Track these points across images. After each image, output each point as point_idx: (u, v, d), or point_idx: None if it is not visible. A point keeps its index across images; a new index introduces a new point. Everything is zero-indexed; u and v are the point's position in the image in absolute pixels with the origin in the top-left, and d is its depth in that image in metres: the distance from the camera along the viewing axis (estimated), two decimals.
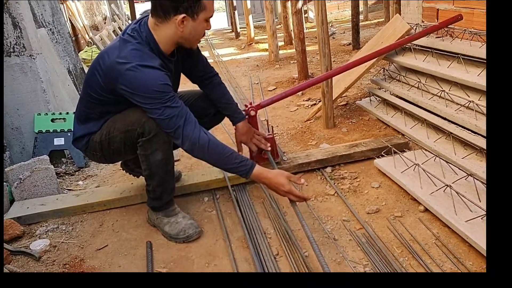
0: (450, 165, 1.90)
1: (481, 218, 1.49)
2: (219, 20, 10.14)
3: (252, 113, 2.07)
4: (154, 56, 1.57)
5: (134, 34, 1.59)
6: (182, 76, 1.91)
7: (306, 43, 4.04)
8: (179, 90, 1.90)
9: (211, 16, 1.63)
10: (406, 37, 2.45)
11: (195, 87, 2.01)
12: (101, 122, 1.72)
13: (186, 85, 2.02)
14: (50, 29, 3.40)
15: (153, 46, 1.59)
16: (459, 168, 1.87)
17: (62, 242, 1.81)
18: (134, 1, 8.95)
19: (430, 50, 2.35)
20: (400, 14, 2.87)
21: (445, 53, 2.24)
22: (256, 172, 1.61)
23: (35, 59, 2.55)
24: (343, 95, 3.14)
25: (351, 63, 2.26)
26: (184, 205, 1.99)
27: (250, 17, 6.46)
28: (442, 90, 2.15)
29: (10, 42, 2.48)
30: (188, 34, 1.60)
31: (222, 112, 1.99)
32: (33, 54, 2.54)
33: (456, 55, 2.12)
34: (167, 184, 1.76)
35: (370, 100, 2.89)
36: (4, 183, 2.11)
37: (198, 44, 1.77)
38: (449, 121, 2.07)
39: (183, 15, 1.54)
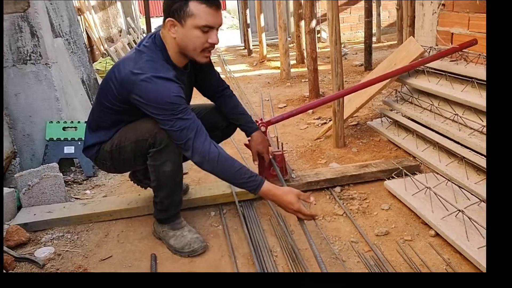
0: (462, 190, 1.87)
1: None
2: (232, 37, 10.25)
3: (263, 129, 2.06)
4: (169, 67, 1.58)
5: (149, 45, 1.60)
6: (194, 89, 1.92)
7: (318, 63, 4.05)
8: (191, 103, 1.91)
9: (208, 25, 1.54)
10: (420, 59, 2.44)
11: (207, 101, 2.02)
12: (113, 131, 1.72)
13: (197, 98, 2.02)
14: (67, 39, 3.45)
15: (166, 57, 1.61)
16: (471, 193, 1.84)
17: (67, 250, 1.80)
18: (150, 16, 9.12)
19: (443, 73, 2.34)
20: (414, 37, 2.87)
21: (459, 77, 2.23)
22: (265, 189, 1.59)
23: (50, 67, 2.58)
24: (354, 115, 3.13)
25: (364, 83, 2.25)
26: (191, 218, 1.98)
27: (263, 35, 6.51)
28: (455, 114, 2.13)
29: (27, 50, 2.52)
30: (181, 42, 1.58)
31: (235, 123, 1.99)
32: (49, 63, 2.58)
33: (470, 79, 2.11)
34: (175, 196, 1.75)
35: (382, 121, 2.87)
36: (13, 188, 2.12)
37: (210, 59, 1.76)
38: (462, 145, 2.05)
39: (170, 18, 1.55)
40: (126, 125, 1.71)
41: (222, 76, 2.03)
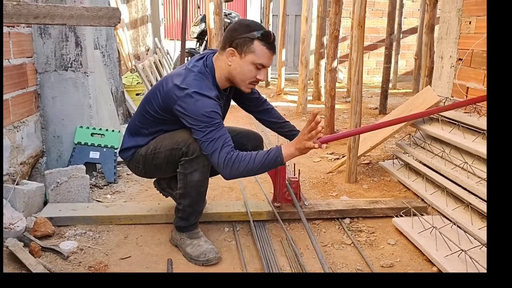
0: (466, 234, 1.97)
1: None
2: None
3: None
4: (212, 88, 1.76)
5: (200, 66, 1.80)
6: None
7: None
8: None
9: (263, 64, 1.77)
10: (436, 107, 2.58)
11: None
12: (150, 138, 1.88)
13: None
14: (102, 52, 3.65)
15: (213, 79, 1.79)
16: (474, 238, 1.94)
17: (89, 246, 1.90)
18: (171, 39, 9.44)
19: (457, 123, 2.47)
20: (430, 86, 3.03)
21: (472, 128, 2.36)
22: (286, 155, 1.71)
23: (88, 76, 2.76)
24: (367, 154, 3.26)
25: (382, 123, 2.38)
26: (205, 232, 2.08)
27: (283, 69, 6.74)
28: (465, 162, 2.25)
29: (70, 58, 2.70)
30: (234, 70, 1.78)
31: (281, 130, 2.20)
32: (87, 72, 2.75)
33: (482, 131, 2.24)
34: (197, 206, 1.88)
35: (393, 163, 2.99)
36: (42, 184, 2.25)
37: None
38: (469, 191, 2.16)
39: (232, 48, 1.76)
40: (163, 134, 1.86)
41: None
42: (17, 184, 2.15)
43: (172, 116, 1.76)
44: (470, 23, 2.66)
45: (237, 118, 4.62)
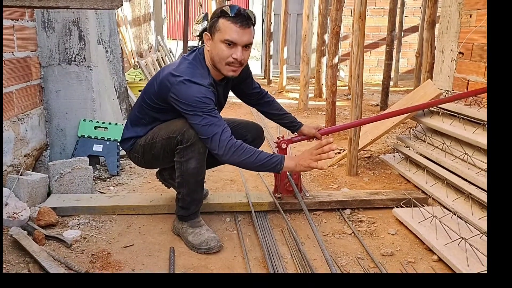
0: (467, 224, 1.98)
1: None
2: (253, 67, 10.54)
3: (284, 145, 2.21)
4: (205, 75, 1.80)
5: (193, 56, 1.83)
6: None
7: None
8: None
9: (231, 40, 1.72)
10: (436, 99, 2.59)
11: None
12: (148, 128, 1.91)
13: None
14: (105, 47, 3.68)
15: (205, 67, 1.83)
16: (474, 228, 1.95)
17: (92, 235, 1.92)
18: (174, 39, 9.47)
19: (457, 115, 2.49)
20: (431, 80, 3.04)
21: (472, 119, 2.37)
22: (286, 167, 1.76)
23: (91, 70, 2.78)
24: (367, 148, 3.27)
25: (383, 114, 2.41)
26: (207, 222, 2.09)
27: (285, 67, 6.76)
28: (465, 153, 2.27)
29: (73, 52, 2.72)
30: (211, 54, 1.80)
31: (282, 122, 2.24)
32: (91, 66, 2.78)
33: (482, 123, 2.25)
34: (196, 194, 1.90)
35: (394, 156, 3.00)
36: (46, 175, 2.27)
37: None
38: (469, 182, 2.17)
39: (206, 32, 1.80)
40: (160, 124, 1.89)
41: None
42: (21, 175, 2.17)
43: (167, 104, 1.79)
44: (470, 16, 2.68)
45: (239, 114, 4.64)
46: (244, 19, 1.74)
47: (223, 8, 1.74)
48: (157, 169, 2.24)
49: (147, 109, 1.88)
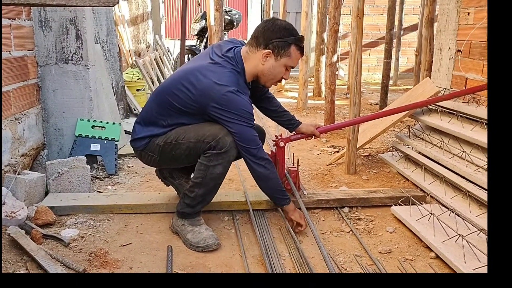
0: (464, 221, 1.98)
1: None
2: None
3: (282, 144, 2.20)
4: (246, 87, 1.85)
5: (229, 60, 1.84)
6: None
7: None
8: None
9: (292, 67, 1.91)
10: (435, 97, 2.59)
11: None
12: (167, 129, 1.89)
13: None
14: (103, 46, 3.67)
15: (243, 74, 1.86)
16: (472, 225, 1.95)
17: (90, 234, 1.92)
18: (172, 38, 9.46)
19: (455, 113, 2.48)
20: (430, 78, 3.04)
21: (470, 117, 2.37)
22: (288, 207, 2.01)
23: (89, 69, 2.77)
24: (366, 147, 3.27)
25: (381, 112, 2.41)
26: (206, 220, 2.08)
27: None
28: (463, 151, 2.26)
29: (70, 51, 2.72)
30: (266, 71, 1.86)
31: (280, 119, 2.26)
32: (88, 65, 2.77)
33: (480, 120, 2.25)
34: (209, 196, 1.92)
35: (393, 155, 3.00)
36: (43, 174, 2.27)
37: None
38: (467, 180, 2.17)
39: (269, 50, 1.82)
40: (184, 126, 1.87)
41: None
42: (18, 174, 2.17)
43: (199, 111, 1.80)
44: (468, 14, 2.67)
45: None
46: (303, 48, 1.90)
47: (300, 37, 1.86)
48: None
49: (172, 111, 1.85)
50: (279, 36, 1.82)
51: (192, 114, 1.84)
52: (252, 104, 2.25)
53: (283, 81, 6.78)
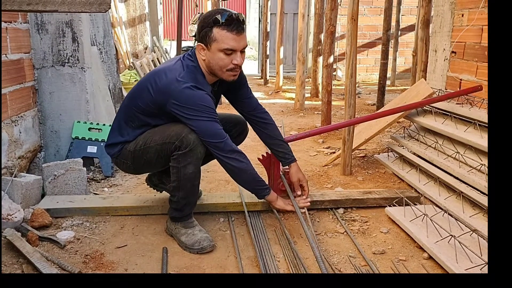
0: (457, 221, 2.00)
1: (480, 269, 1.57)
2: (250, 67, 10.56)
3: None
4: (206, 83, 1.82)
5: (190, 62, 1.83)
6: None
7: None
8: None
9: (229, 48, 1.74)
10: (429, 98, 2.61)
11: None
12: (137, 133, 1.89)
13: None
14: (99, 48, 3.68)
15: (201, 72, 1.84)
16: (465, 225, 1.97)
17: (85, 236, 1.93)
18: (171, 39, 9.48)
19: (449, 114, 2.50)
20: (425, 79, 3.06)
21: (463, 118, 2.38)
22: (269, 197, 1.96)
23: (85, 72, 2.79)
24: (362, 148, 3.29)
25: (376, 113, 2.43)
26: (201, 222, 2.10)
27: (281, 66, 6.77)
28: (457, 152, 2.28)
29: (67, 53, 2.73)
30: (209, 63, 1.81)
31: (275, 149, 2.14)
32: (85, 67, 2.78)
33: (473, 121, 2.27)
34: (191, 197, 1.90)
35: (388, 156, 3.02)
36: (40, 177, 2.28)
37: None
38: (461, 180, 2.18)
39: (199, 43, 1.80)
40: (151, 128, 1.88)
41: None
42: (15, 177, 2.18)
43: (160, 110, 1.78)
44: (462, 15, 2.69)
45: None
46: (238, 24, 1.75)
47: (215, 16, 1.73)
48: (146, 176, 2.24)
49: (137, 112, 1.86)
50: (201, 26, 1.77)
51: (155, 114, 1.83)
52: (251, 126, 2.19)
53: (281, 81, 6.81)
